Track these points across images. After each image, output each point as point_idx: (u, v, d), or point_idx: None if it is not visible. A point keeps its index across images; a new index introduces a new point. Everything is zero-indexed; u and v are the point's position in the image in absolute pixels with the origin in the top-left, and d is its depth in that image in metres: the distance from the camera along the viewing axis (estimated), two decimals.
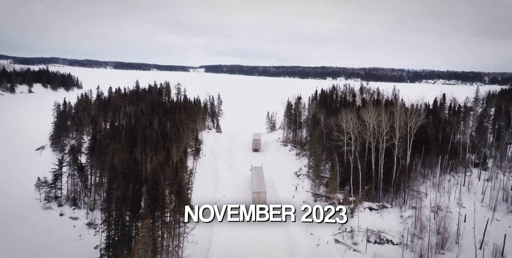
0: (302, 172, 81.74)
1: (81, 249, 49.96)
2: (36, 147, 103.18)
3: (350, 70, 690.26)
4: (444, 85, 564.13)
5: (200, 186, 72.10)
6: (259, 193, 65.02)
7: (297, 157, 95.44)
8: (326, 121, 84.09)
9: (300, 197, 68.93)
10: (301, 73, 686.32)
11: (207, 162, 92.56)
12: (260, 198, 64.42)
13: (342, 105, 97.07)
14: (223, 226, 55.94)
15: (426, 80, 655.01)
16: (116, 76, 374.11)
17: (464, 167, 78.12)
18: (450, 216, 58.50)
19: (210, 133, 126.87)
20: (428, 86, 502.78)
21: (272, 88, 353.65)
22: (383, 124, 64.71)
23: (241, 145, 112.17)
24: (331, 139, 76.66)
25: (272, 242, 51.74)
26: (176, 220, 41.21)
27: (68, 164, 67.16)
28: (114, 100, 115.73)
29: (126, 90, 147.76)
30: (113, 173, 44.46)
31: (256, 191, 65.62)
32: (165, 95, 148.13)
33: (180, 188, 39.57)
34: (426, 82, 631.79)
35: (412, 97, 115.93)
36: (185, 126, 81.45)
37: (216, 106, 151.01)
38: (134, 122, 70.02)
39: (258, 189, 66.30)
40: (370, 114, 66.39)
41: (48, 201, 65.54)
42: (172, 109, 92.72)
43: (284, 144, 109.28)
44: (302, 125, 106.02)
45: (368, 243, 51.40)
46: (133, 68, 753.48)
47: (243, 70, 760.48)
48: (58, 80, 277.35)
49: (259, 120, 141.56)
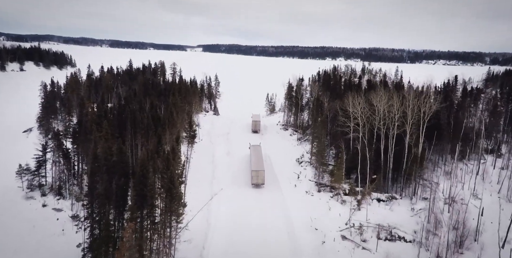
0: (304, 159, 76.89)
1: (63, 246, 45.25)
2: (23, 129, 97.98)
3: (350, 51, 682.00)
4: (445, 65, 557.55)
5: (195, 175, 67.35)
6: (258, 172, 63.15)
7: (299, 142, 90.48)
8: (330, 104, 78.72)
9: (303, 187, 64.30)
10: (300, 53, 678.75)
11: (203, 146, 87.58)
12: (258, 177, 63.05)
13: (347, 88, 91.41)
14: (220, 222, 51.90)
15: (426, 61, 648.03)
16: (111, 55, 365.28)
17: (477, 154, 73.37)
18: (465, 209, 54.10)
19: (207, 116, 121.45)
20: (429, 67, 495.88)
21: (271, 68, 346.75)
22: (394, 109, 59.45)
23: (239, 127, 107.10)
24: (336, 124, 71.57)
25: (273, 239, 47.23)
26: (167, 219, 36.38)
27: (52, 150, 61.90)
28: (106, 80, 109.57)
29: (119, 69, 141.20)
30: (96, 164, 39.35)
31: (255, 170, 63.50)
32: (160, 76, 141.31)
33: (171, 183, 34.61)
34: (426, 63, 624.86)
35: (419, 79, 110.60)
36: (180, 110, 75.99)
37: (214, 88, 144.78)
38: (124, 105, 64.47)
39: (257, 167, 64.20)
40: (380, 98, 61.05)
41: (31, 190, 60.62)
42: (167, 91, 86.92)
43: (284, 128, 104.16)
44: (304, 109, 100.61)
45: (379, 240, 46.90)
46: (129, 47, 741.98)
47: (241, 50, 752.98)
48: (51, 58, 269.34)
49: (258, 102, 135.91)
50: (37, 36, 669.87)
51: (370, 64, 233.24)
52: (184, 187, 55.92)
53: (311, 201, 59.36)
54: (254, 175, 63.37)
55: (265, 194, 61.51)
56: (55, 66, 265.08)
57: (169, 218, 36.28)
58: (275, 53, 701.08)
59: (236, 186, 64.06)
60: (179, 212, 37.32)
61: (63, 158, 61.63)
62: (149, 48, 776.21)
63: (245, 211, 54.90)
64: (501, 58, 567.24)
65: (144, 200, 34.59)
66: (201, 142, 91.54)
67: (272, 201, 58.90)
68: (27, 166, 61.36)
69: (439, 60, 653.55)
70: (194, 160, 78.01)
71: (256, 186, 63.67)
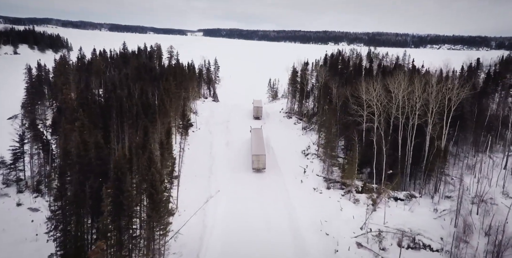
0: (311, 151, 70.16)
1: (33, 255, 38.91)
2: (8, 116, 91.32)
3: (353, 35, 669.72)
4: (450, 50, 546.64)
5: (191, 168, 60.81)
6: (259, 156, 60.29)
7: (304, 131, 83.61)
8: (340, 91, 71.63)
9: (310, 183, 57.77)
10: (302, 38, 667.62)
11: (201, 136, 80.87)
12: (259, 161, 60.35)
13: (357, 73, 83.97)
14: (217, 226, 45.51)
15: (431, 45, 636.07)
16: (109, 39, 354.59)
17: (503, 146, 66.49)
18: (495, 210, 47.63)
19: (206, 102, 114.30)
20: (434, 51, 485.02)
21: (273, 53, 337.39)
22: (415, 96, 52.38)
23: (240, 115, 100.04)
24: (346, 112, 64.68)
25: (278, 247, 40.82)
26: (151, 231, 29.78)
27: (30, 141, 55.24)
28: (96, 64, 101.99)
29: (113, 53, 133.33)
30: (68, 162, 32.66)
31: (256, 154, 60.57)
32: (156, 60, 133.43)
33: (152, 188, 27.97)
34: (431, 48, 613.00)
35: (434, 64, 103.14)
36: (175, 97, 68.89)
37: (213, 73, 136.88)
38: (110, 91, 57.23)
39: (258, 151, 61.40)
40: (398, 83, 53.92)
41: (7, 185, 54.38)
42: (162, 76, 79.54)
43: (288, 116, 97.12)
44: (309, 95, 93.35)
45: (401, 249, 40.42)
46: (129, 31, 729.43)
47: (243, 35, 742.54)
48: (46, 41, 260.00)
49: (259, 88, 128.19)
50: (35, 19, 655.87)
51: (376, 48, 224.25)
52: (177, 186, 49.52)
53: (319, 200, 52.83)
54: (254, 159, 60.41)
55: (268, 191, 54.97)
56: (50, 49, 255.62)
57: (153, 229, 29.71)
58: (277, 38, 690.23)
59: (235, 183, 57.54)
60: (165, 222, 30.72)
61: (42, 150, 55.11)
62: (149, 32, 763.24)
63: (246, 211, 48.50)
64: (507, 42, 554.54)
65: (120, 209, 27.97)
66: (199, 131, 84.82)
67: (275, 199, 52.43)
68: (2, 159, 54.88)
69: (443, 44, 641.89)
70: (191, 151, 71.37)
71: (257, 171, 60.52)
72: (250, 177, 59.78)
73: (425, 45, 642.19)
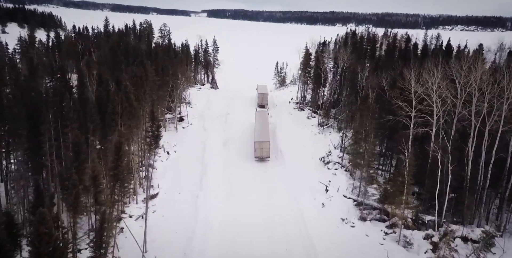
0: (332, 158, 53.64)
1: None
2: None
3: (362, 16, 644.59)
4: (463, 31, 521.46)
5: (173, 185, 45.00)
6: (262, 143, 54.06)
7: (320, 128, 66.76)
8: (370, 80, 54.67)
9: (335, 208, 41.54)
10: (309, 19, 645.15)
11: (192, 135, 64.75)
12: (263, 149, 53.94)
13: (390, 56, 66.22)
14: None
15: (443, 27, 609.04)
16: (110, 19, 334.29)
17: None
18: None
19: (203, 90, 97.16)
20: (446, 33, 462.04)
21: (279, 35, 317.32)
22: (495, 89, 35.36)
23: (243, 104, 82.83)
24: (383, 109, 47.93)
25: None
26: None
27: None
28: (67, 44, 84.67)
29: (96, 31, 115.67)
30: None
31: (258, 141, 54.42)
32: (146, 39, 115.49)
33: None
34: (443, 29, 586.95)
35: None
36: (152, 87, 51.86)
37: (211, 55, 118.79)
38: (56, 80, 40.11)
39: (261, 138, 55.44)
40: (467, 69, 36.84)
41: None
42: (136, 59, 62.26)
43: (299, 107, 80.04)
44: (326, 83, 75.93)
45: None
46: (131, 11, 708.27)
47: (248, 16, 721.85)
48: (37, 19, 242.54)
49: (265, 73, 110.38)
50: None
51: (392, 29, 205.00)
52: (145, 216, 33.68)
53: (352, 239, 36.62)
54: (257, 146, 54.12)
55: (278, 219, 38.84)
56: (42, 28, 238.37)
57: None
58: (283, 19, 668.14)
59: (234, 206, 41.42)
60: None
61: None
62: (152, 13, 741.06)
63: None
64: None
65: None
66: (190, 127, 68.54)
67: (288, 235, 36.48)
68: None
69: (456, 25, 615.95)
70: (178, 155, 56.10)
71: (260, 160, 53.97)
72: (252, 195, 43.62)
73: (437, 26, 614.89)
